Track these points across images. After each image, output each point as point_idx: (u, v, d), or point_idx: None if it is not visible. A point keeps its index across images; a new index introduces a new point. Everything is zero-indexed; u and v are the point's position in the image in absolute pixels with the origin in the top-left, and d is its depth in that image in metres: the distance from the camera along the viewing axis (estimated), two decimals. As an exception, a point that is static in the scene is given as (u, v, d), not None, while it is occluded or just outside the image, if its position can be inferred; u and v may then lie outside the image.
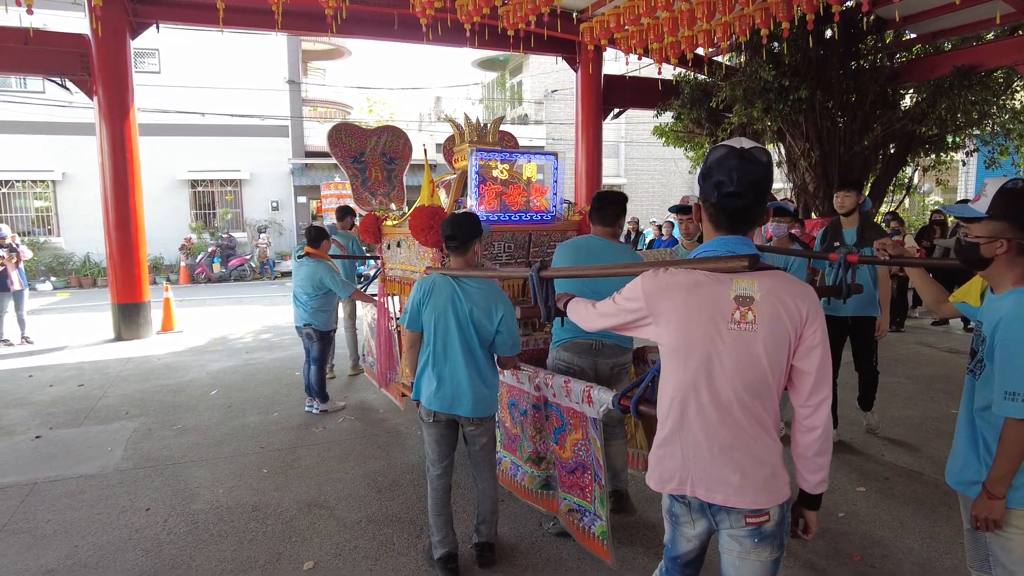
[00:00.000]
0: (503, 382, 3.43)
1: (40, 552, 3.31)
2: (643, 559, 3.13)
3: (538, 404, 3.19)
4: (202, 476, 4.25)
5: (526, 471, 3.38)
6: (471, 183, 3.92)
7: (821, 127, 9.54)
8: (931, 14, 8.49)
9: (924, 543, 3.23)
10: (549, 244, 4.22)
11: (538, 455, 3.29)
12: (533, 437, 3.29)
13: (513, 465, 3.52)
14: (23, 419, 5.49)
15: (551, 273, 2.43)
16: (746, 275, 1.69)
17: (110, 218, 8.84)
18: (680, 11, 7.34)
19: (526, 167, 4.10)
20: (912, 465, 4.24)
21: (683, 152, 12.99)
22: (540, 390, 3.12)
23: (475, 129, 4.30)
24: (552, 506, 3.25)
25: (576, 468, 3.01)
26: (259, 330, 9.70)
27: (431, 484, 3.05)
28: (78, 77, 8.68)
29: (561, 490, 3.16)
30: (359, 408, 5.68)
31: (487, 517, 3.11)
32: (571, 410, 2.93)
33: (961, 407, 2.14)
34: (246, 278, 17.93)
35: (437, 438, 3.02)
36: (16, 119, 16.67)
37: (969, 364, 2.09)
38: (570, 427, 2.99)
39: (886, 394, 5.77)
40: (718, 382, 1.73)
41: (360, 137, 5.65)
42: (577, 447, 2.97)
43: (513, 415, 3.48)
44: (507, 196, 4.05)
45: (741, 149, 1.68)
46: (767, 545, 1.77)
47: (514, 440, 3.50)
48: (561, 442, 3.08)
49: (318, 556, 3.22)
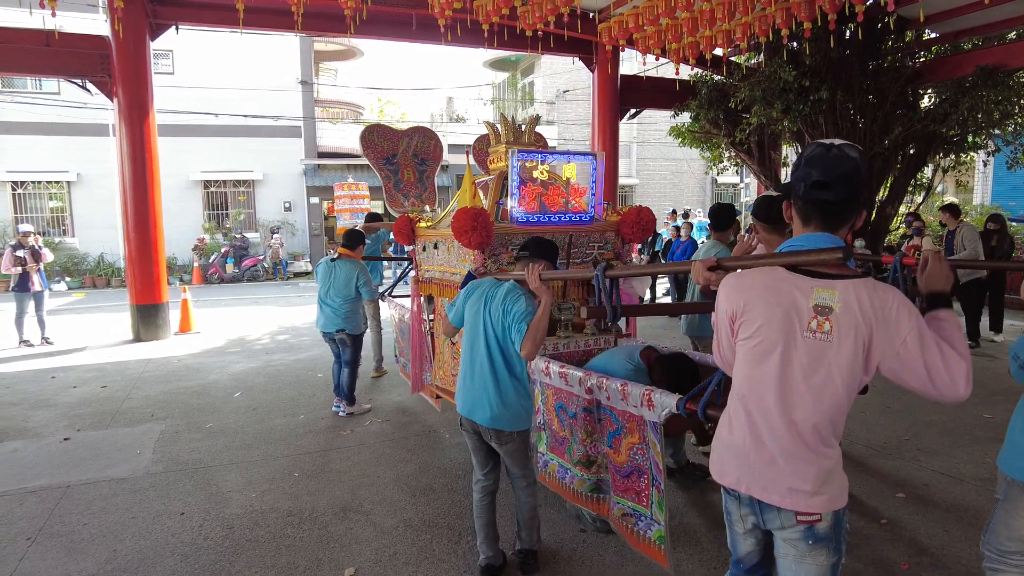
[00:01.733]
0: (549, 384, 3.42)
1: (79, 556, 3.30)
2: (689, 563, 3.10)
3: (589, 407, 3.15)
4: (234, 480, 4.24)
5: (575, 474, 3.32)
6: (511, 184, 3.90)
7: (841, 128, 9.47)
8: (955, 13, 8.41)
9: (972, 550, 3.18)
10: (588, 245, 4.17)
11: (588, 459, 3.23)
12: (584, 441, 3.23)
13: (561, 468, 3.45)
14: (50, 421, 5.50)
15: (616, 272, 2.43)
16: (827, 283, 1.67)
17: (129, 219, 8.86)
18: (700, 11, 7.30)
19: (565, 168, 4.07)
20: (950, 470, 4.19)
21: (699, 153, 12.94)
22: (592, 393, 3.08)
23: (512, 130, 4.28)
24: (603, 510, 3.22)
25: (632, 472, 2.97)
26: (276, 331, 9.71)
27: (474, 489, 3.04)
28: (98, 79, 8.71)
29: (614, 494, 3.12)
30: (385, 410, 5.66)
31: (526, 523, 3.08)
32: (627, 413, 2.90)
33: (1022, 398, 2.26)
34: (259, 279, 17.97)
35: (472, 447, 3.05)
36: (31, 120, 16.77)
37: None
38: (626, 431, 2.95)
39: (915, 398, 5.70)
40: (787, 388, 1.71)
41: (392, 138, 5.63)
42: (633, 451, 2.93)
43: (561, 418, 3.43)
44: (546, 197, 4.03)
45: (831, 143, 1.68)
46: (823, 548, 1.74)
47: (562, 443, 3.44)
48: (616, 446, 3.04)
49: (358, 562, 3.20)
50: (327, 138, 20.59)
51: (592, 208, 4.20)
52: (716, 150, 12.26)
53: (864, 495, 3.83)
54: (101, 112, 16.23)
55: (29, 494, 4.05)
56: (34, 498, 3.99)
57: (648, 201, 23.92)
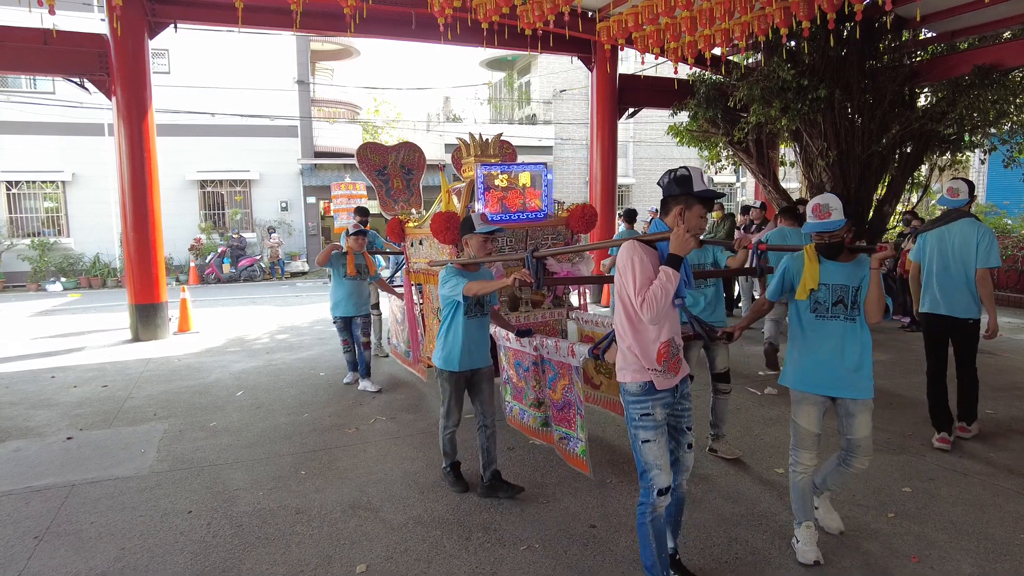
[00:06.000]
0: (510, 347, 4.36)
1: (88, 555, 3.29)
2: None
3: (536, 361, 4.09)
4: (240, 478, 4.23)
5: (531, 414, 4.33)
6: (478, 191, 4.90)
7: (839, 126, 9.51)
8: (953, 12, 8.46)
9: (980, 544, 3.21)
10: (542, 237, 5.21)
11: (538, 400, 4.23)
12: (535, 387, 4.21)
13: (521, 411, 4.47)
14: (52, 420, 5.47)
15: (541, 253, 3.51)
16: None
17: (128, 219, 8.81)
18: (699, 10, 7.32)
19: (522, 176, 5.09)
20: (954, 465, 4.21)
21: (697, 152, 12.98)
22: (538, 351, 4.02)
23: (479, 145, 5.31)
24: (549, 439, 4.22)
25: (564, 406, 3.93)
26: (275, 330, 9.69)
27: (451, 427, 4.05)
28: (97, 77, 8.66)
29: (554, 424, 4.10)
30: (390, 408, 5.65)
31: (493, 449, 3.98)
32: (560, 362, 3.84)
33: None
34: (256, 279, 17.92)
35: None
36: (26, 120, 16.66)
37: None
38: (560, 375, 3.90)
39: (918, 395, 5.75)
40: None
41: (383, 153, 6.68)
42: (565, 390, 3.88)
43: (519, 372, 4.37)
44: (507, 200, 5.03)
45: (674, 169, 2.71)
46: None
47: (520, 392, 4.42)
48: (554, 387, 4.00)
49: (369, 559, 3.20)
50: (324, 138, 20.53)
51: (545, 207, 5.15)
52: (714, 149, 12.30)
53: (870, 489, 3.85)
54: (96, 112, 16.16)
55: (35, 493, 4.03)
56: (40, 497, 3.98)
57: (645, 201, 23.95)
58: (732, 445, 4.44)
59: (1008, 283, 11.10)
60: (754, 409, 5.43)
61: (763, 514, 3.58)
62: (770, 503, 3.71)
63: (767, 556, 3.15)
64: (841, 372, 3.00)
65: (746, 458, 4.39)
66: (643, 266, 2.55)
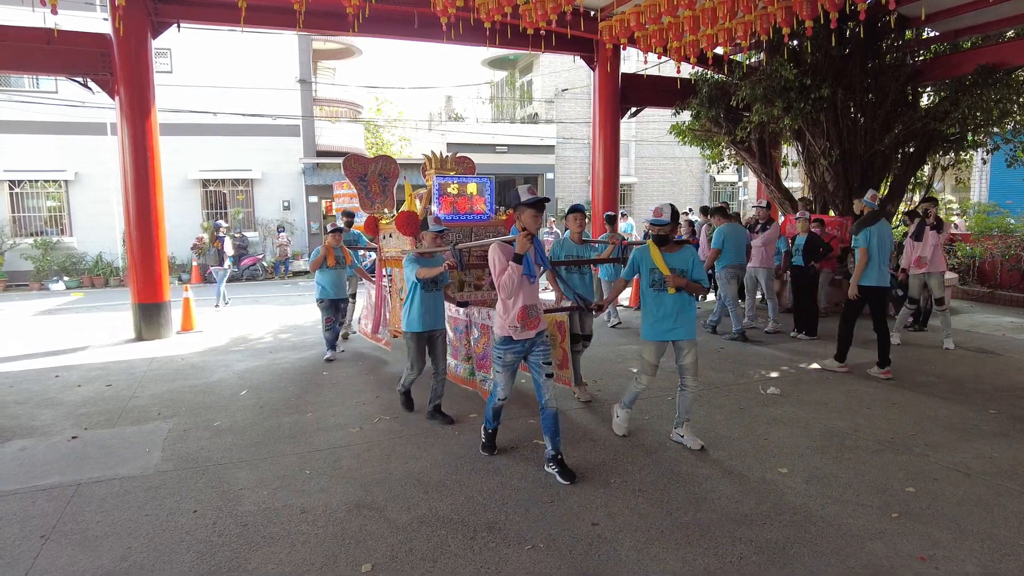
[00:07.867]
0: (452, 316, 5.69)
1: (94, 553, 3.30)
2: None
3: (467, 325, 5.56)
4: (244, 477, 4.24)
5: (463, 367, 5.75)
6: (435, 197, 6.41)
7: (842, 126, 9.52)
8: (956, 11, 8.46)
9: (985, 544, 3.21)
10: (485, 234, 6.57)
11: (468, 356, 5.67)
12: (466, 345, 5.65)
13: (456, 365, 5.85)
14: (56, 419, 5.48)
15: (463, 245, 5.13)
16: None
17: (131, 218, 8.83)
18: (701, 9, 7.32)
19: (469, 186, 6.62)
20: (958, 465, 4.22)
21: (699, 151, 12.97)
22: (468, 317, 5.51)
23: (439, 160, 6.80)
24: (474, 384, 5.62)
25: (484, 356, 5.34)
26: (278, 330, 9.70)
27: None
28: (100, 77, 8.67)
29: (477, 371, 5.54)
30: (393, 408, 5.65)
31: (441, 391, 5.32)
32: (483, 324, 5.28)
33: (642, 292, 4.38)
34: (258, 278, 17.94)
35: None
36: (28, 119, 16.68)
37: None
38: (482, 334, 5.34)
39: (921, 394, 5.76)
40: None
41: (364, 164, 7.84)
42: (485, 344, 5.27)
43: (457, 335, 5.77)
44: (458, 204, 6.56)
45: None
46: None
47: (456, 350, 5.82)
48: (477, 344, 5.43)
49: (374, 558, 3.21)
50: (326, 137, 20.56)
51: (488, 211, 6.69)
52: (716, 148, 12.30)
53: (874, 489, 3.86)
54: (99, 111, 16.18)
55: (40, 492, 4.04)
56: (45, 496, 3.99)
57: (647, 199, 23.96)
58: (587, 392, 5.77)
59: (1010, 283, 11.09)
60: (757, 409, 5.43)
61: (767, 513, 3.59)
62: (774, 502, 3.72)
63: (772, 555, 3.16)
64: (671, 324, 4.35)
65: (750, 457, 4.40)
66: (501, 261, 3.90)
